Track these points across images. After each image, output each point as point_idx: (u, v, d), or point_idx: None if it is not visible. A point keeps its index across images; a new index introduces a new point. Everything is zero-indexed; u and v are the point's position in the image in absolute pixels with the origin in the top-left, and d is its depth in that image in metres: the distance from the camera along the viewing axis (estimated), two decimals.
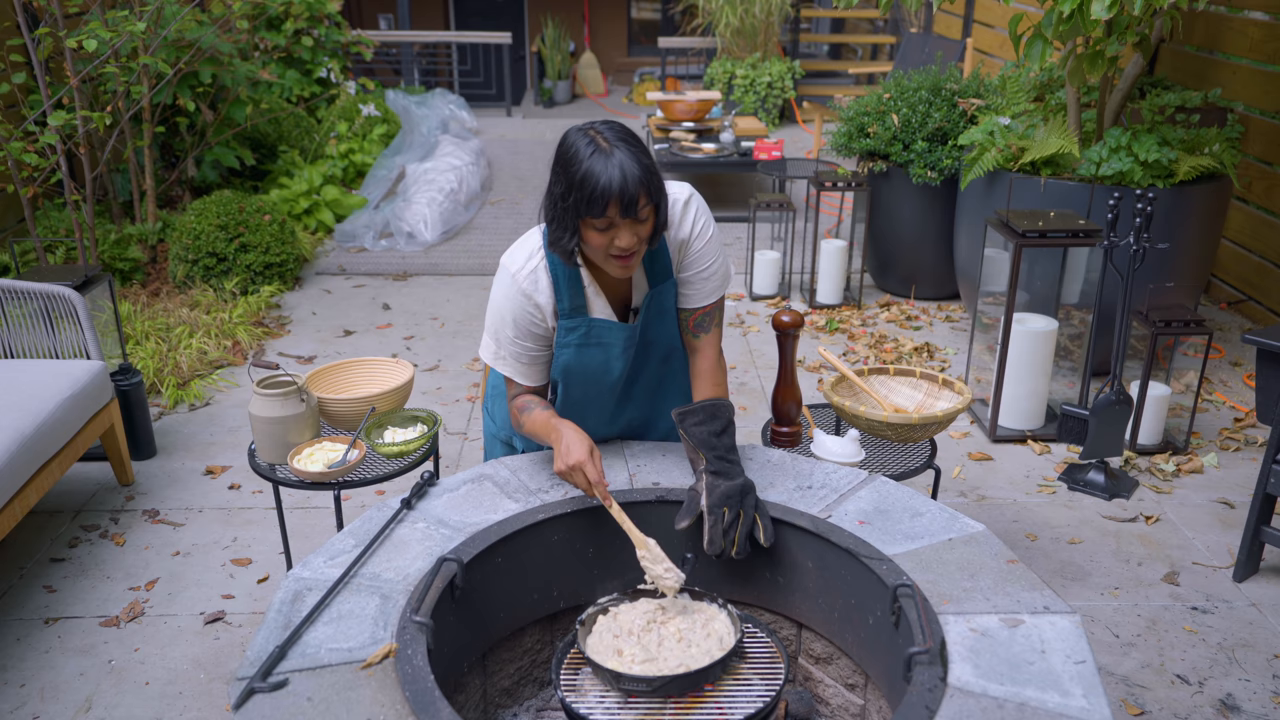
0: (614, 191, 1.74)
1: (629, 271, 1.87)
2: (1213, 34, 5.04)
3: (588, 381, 2.07)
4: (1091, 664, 1.52)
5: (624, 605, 1.88)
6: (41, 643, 2.67)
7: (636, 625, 1.82)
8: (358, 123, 7.35)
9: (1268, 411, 2.83)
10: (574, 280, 1.95)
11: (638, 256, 1.85)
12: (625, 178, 1.74)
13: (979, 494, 3.40)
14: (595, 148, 1.77)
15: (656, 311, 2.03)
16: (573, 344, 1.99)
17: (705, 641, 1.79)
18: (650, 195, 1.79)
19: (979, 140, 4.14)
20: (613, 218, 1.77)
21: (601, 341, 2.00)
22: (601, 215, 1.76)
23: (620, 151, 1.77)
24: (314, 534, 3.16)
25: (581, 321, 1.97)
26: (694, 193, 2.02)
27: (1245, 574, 2.94)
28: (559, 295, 1.95)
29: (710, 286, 2.04)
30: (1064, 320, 3.96)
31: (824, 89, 10.46)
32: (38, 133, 4.49)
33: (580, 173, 1.75)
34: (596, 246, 1.82)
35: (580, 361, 2.02)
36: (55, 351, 3.38)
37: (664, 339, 2.10)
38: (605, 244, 1.81)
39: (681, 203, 1.99)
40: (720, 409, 1.98)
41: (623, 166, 1.75)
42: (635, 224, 1.79)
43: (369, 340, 4.74)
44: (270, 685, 1.48)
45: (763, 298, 5.29)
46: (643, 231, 1.81)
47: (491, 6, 12.64)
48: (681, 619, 1.84)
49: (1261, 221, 4.82)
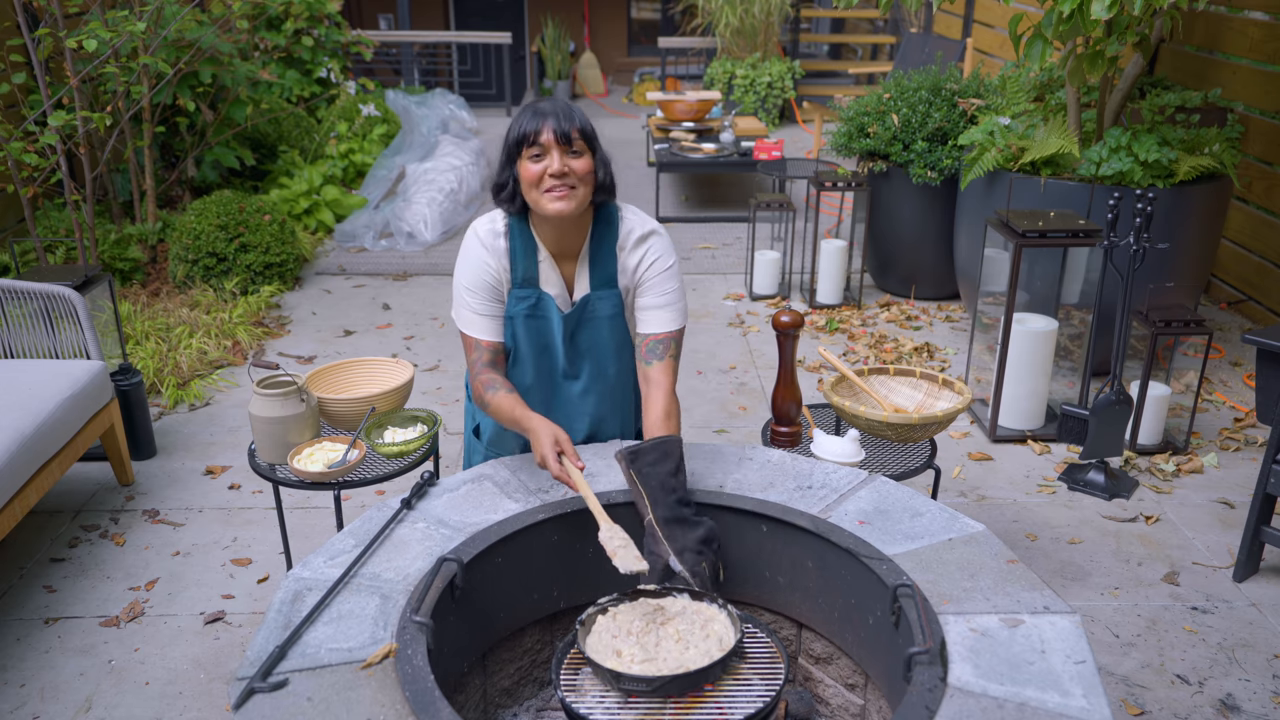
0: (545, 116, 1.95)
1: (566, 206, 1.96)
2: (1213, 34, 5.04)
3: (535, 355, 2.15)
4: (1091, 664, 1.52)
5: (624, 605, 1.88)
6: (41, 643, 2.67)
7: (636, 626, 1.81)
8: (358, 123, 7.35)
9: (1268, 411, 2.83)
10: (530, 251, 2.07)
11: (575, 195, 1.97)
12: (558, 111, 1.96)
13: (979, 494, 3.40)
14: (535, 101, 2.02)
15: (590, 314, 2.12)
16: (521, 313, 2.10)
17: (704, 642, 1.79)
18: (583, 132, 1.97)
19: (979, 140, 4.14)
20: (546, 143, 1.93)
21: (547, 317, 2.11)
22: (535, 142, 1.94)
23: (559, 102, 2.00)
24: (314, 534, 3.16)
25: (533, 293, 2.09)
26: (659, 230, 2.14)
27: (1245, 574, 2.94)
28: (514, 262, 2.08)
29: (665, 316, 2.11)
30: (1064, 320, 3.95)
31: (824, 89, 10.46)
32: (38, 133, 4.49)
33: (519, 113, 2.00)
34: (531, 178, 1.96)
35: (527, 333, 2.12)
36: (55, 351, 3.38)
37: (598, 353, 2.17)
38: (539, 174, 1.95)
39: (638, 236, 2.11)
40: (671, 446, 1.94)
41: (556, 105, 1.98)
42: (568, 154, 1.95)
43: (369, 340, 4.74)
44: (270, 685, 1.48)
45: (763, 298, 5.29)
46: (577, 166, 1.95)
47: (491, 6, 12.64)
48: (680, 620, 1.83)
49: (1261, 221, 4.82)
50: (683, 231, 6.38)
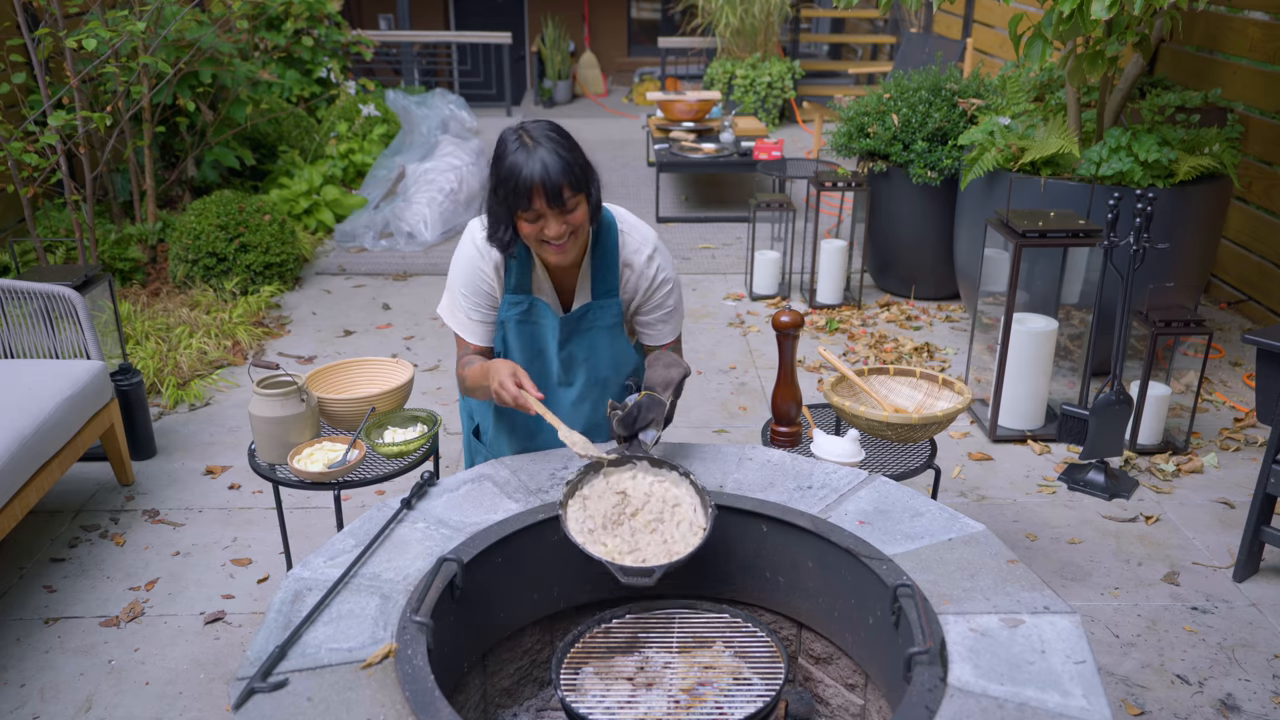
0: (535, 182, 1.87)
1: (565, 258, 1.99)
2: (1213, 34, 5.04)
3: (528, 361, 2.19)
4: (1091, 664, 1.52)
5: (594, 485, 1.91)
6: (41, 643, 2.67)
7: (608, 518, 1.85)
8: (358, 123, 7.35)
9: (1268, 411, 2.83)
10: (524, 259, 2.09)
11: (574, 242, 1.98)
12: (547, 171, 1.87)
13: (979, 494, 3.40)
14: (520, 144, 1.90)
15: (590, 324, 2.15)
16: (514, 318, 2.14)
17: (678, 529, 1.85)
18: (575, 186, 1.91)
19: (979, 140, 4.14)
20: (540, 209, 1.90)
21: (540, 322, 2.15)
22: (529, 208, 1.90)
23: (543, 148, 1.89)
24: (314, 534, 3.16)
25: (526, 298, 2.13)
26: (659, 244, 2.17)
27: (1245, 574, 2.94)
28: (508, 269, 2.09)
29: (670, 327, 2.22)
30: (1064, 320, 3.95)
31: (824, 89, 10.46)
32: (38, 133, 4.49)
33: (505, 168, 1.90)
34: (529, 235, 1.96)
35: (519, 338, 2.16)
36: (55, 351, 3.38)
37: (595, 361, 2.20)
38: (536, 233, 1.95)
39: (645, 256, 2.13)
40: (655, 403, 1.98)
41: (544, 161, 1.87)
42: (563, 214, 1.92)
43: (369, 340, 4.74)
44: (270, 685, 1.48)
45: (763, 298, 5.29)
46: (573, 219, 1.94)
47: (491, 6, 12.64)
48: (646, 510, 1.88)
49: (1261, 221, 4.82)
50: (683, 231, 6.37)
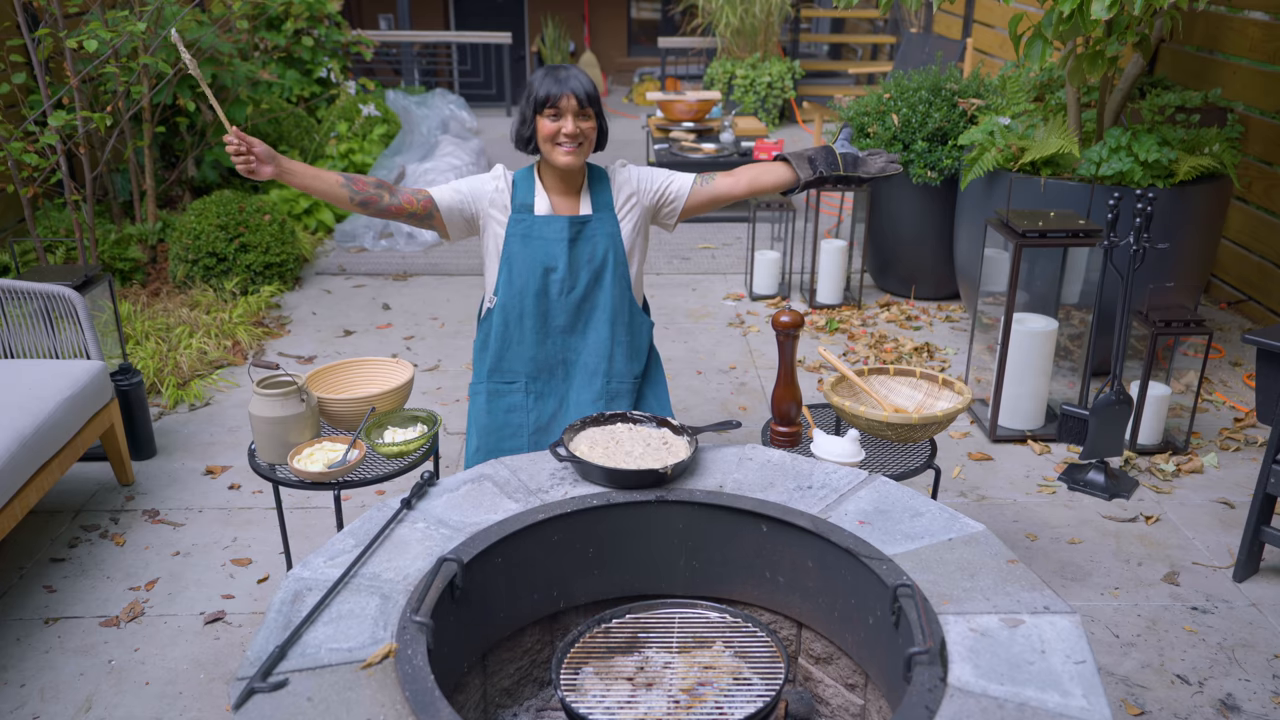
0: (567, 83, 2.37)
1: (573, 160, 2.41)
2: (1213, 34, 5.04)
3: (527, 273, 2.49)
4: (1091, 664, 1.52)
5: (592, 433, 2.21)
6: (41, 643, 2.67)
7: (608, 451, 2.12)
8: (358, 123, 7.35)
9: (1268, 411, 2.83)
10: (528, 184, 2.52)
11: (580, 151, 2.41)
12: (578, 79, 2.40)
13: (979, 494, 3.40)
14: (553, 67, 2.43)
15: (592, 231, 2.51)
16: (518, 234, 2.49)
17: (661, 449, 2.13)
18: (592, 102, 2.40)
19: (979, 140, 4.14)
20: (564, 107, 2.36)
21: (543, 236, 2.49)
22: (555, 104, 2.36)
23: (574, 69, 2.42)
24: (314, 534, 3.16)
25: (527, 216, 2.50)
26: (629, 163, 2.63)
27: (1245, 574, 2.94)
28: (515, 190, 2.51)
29: (679, 180, 2.59)
30: (1064, 320, 3.95)
31: (824, 89, 10.46)
32: (38, 133, 4.49)
33: (542, 72, 2.41)
34: (546, 135, 2.39)
35: (524, 251, 2.49)
36: (55, 351, 3.38)
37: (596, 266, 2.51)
38: (553, 133, 2.38)
39: (619, 164, 2.60)
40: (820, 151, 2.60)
41: (575, 74, 2.41)
42: (579, 118, 2.39)
43: (369, 340, 4.74)
44: (270, 685, 1.48)
45: (763, 298, 5.29)
46: (585, 127, 2.40)
47: (491, 6, 12.64)
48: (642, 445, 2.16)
49: (1261, 221, 4.82)
50: (683, 231, 6.37)
